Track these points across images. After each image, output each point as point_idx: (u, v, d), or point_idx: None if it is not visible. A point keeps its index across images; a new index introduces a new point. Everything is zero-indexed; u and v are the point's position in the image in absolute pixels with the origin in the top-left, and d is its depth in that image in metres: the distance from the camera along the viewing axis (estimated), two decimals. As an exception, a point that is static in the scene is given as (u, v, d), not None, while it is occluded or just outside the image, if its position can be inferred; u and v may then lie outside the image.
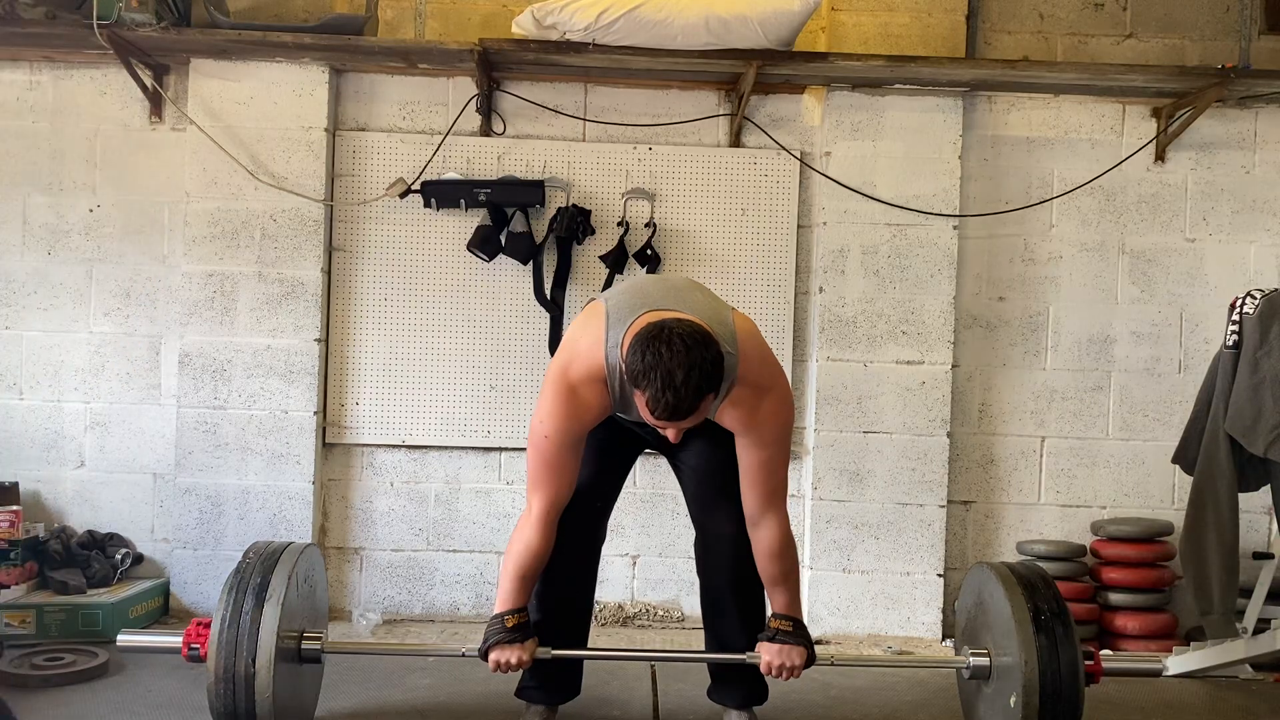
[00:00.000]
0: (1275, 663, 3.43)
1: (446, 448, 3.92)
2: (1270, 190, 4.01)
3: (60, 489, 3.92)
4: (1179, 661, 3.42)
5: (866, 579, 3.87)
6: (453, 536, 3.94)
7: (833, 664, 2.72)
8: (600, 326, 2.35)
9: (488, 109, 3.91)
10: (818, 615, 3.85)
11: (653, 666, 3.34)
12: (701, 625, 2.75)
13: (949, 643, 3.79)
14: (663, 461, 2.72)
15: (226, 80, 3.81)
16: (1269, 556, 3.43)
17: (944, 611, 3.87)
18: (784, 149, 3.92)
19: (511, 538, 2.46)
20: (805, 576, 3.89)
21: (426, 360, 3.89)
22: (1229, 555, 3.30)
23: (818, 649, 2.53)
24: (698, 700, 2.93)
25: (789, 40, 3.70)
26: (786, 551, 2.47)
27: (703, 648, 2.77)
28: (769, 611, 2.53)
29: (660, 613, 3.94)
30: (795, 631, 2.47)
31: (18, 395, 3.91)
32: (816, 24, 3.90)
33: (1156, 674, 2.89)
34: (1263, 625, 3.30)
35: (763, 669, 2.48)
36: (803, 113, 3.98)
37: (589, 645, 2.75)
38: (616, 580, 3.93)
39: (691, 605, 3.88)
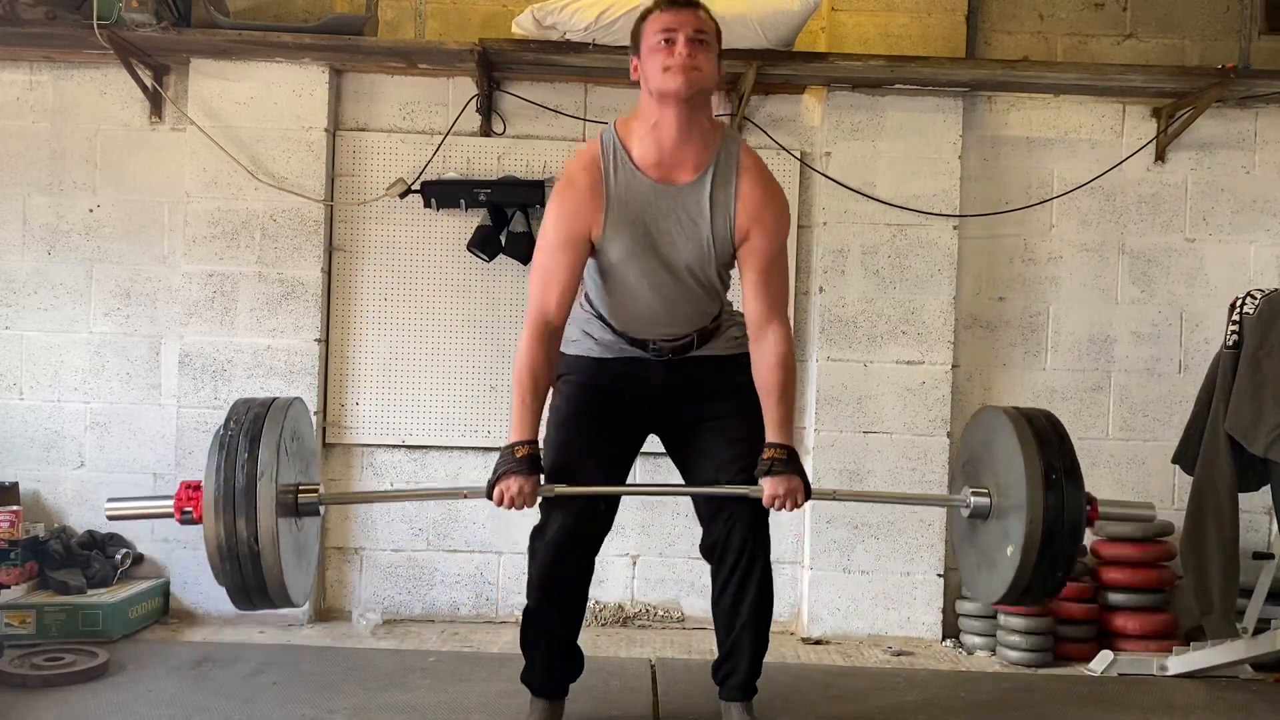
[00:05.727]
0: (1275, 663, 3.43)
1: (446, 448, 3.92)
2: (1270, 190, 4.01)
3: (60, 489, 3.92)
4: (1179, 661, 3.43)
5: (866, 579, 3.87)
6: (453, 536, 3.94)
7: (835, 498, 2.75)
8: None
9: (488, 109, 3.91)
10: (818, 615, 3.85)
11: (653, 666, 3.35)
12: (701, 626, 2.74)
13: (949, 643, 3.79)
14: (664, 461, 2.72)
15: (226, 80, 3.81)
16: (1269, 556, 3.43)
17: (944, 611, 3.87)
18: (784, 149, 3.92)
19: (513, 361, 2.49)
20: (805, 576, 3.89)
21: (426, 360, 3.89)
22: (1229, 555, 3.31)
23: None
24: (698, 700, 2.93)
25: (789, 40, 3.70)
26: (787, 361, 2.50)
27: (704, 646, 2.75)
28: (767, 440, 2.50)
29: (660, 613, 3.94)
30: (789, 460, 2.46)
31: (18, 395, 3.92)
32: (816, 24, 3.90)
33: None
34: (1263, 625, 3.31)
35: (765, 502, 2.45)
36: (803, 113, 3.98)
37: (585, 643, 2.75)
38: (616, 580, 3.93)
39: (691, 605, 3.88)
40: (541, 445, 2.50)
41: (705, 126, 2.43)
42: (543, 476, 2.44)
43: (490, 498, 2.42)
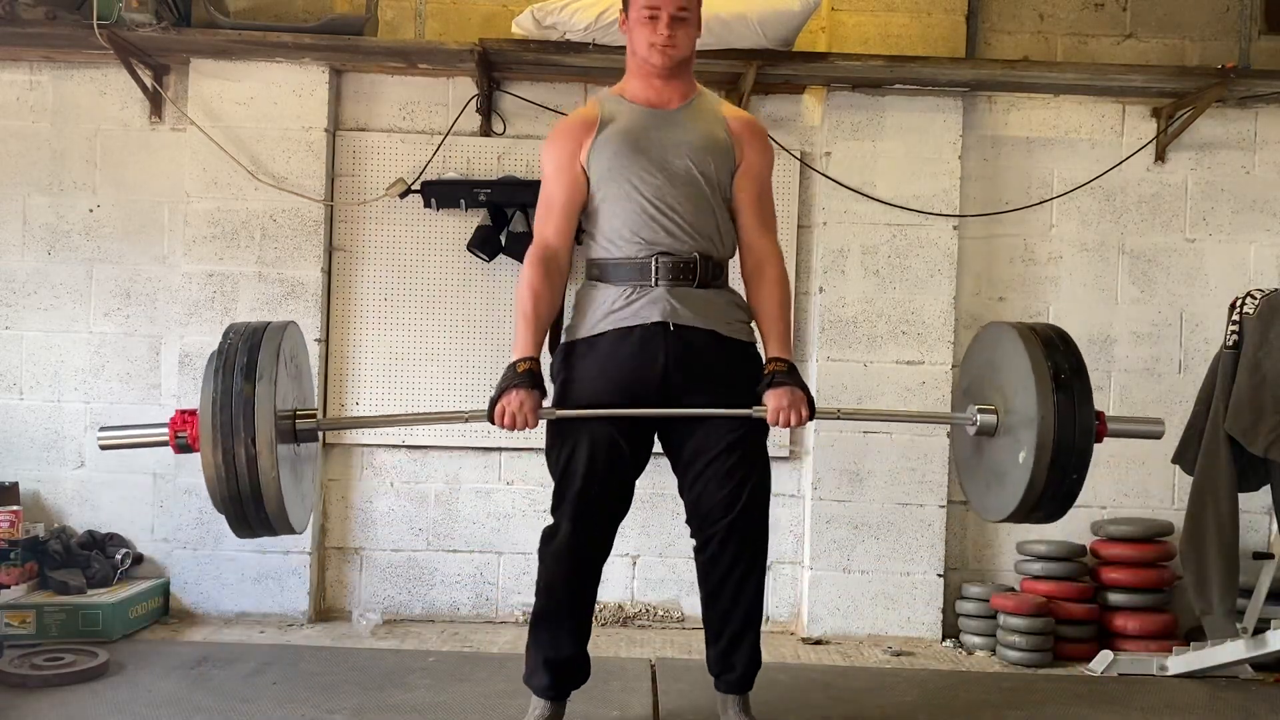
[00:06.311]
0: (1275, 663, 3.43)
1: (446, 448, 3.92)
2: (1270, 190, 4.01)
3: (60, 489, 3.92)
4: (1179, 661, 3.43)
5: (866, 579, 3.87)
6: (453, 537, 3.94)
7: (839, 417, 2.80)
8: None
9: (488, 109, 3.91)
10: (818, 615, 3.85)
11: (653, 666, 3.36)
12: (701, 626, 2.73)
13: (949, 643, 3.79)
14: (663, 462, 2.71)
15: (226, 80, 3.81)
16: (1269, 556, 3.43)
17: (944, 611, 3.87)
18: (784, 149, 3.92)
19: (516, 285, 2.60)
20: (805, 576, 3.89)
21: (426, 360, 3.89)
22: (1229, 555, 3.31)
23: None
24: (698, 700, 2.93)
25: (789, 40, 3.70)
26: (782, 275, 2.63)
27: (704, 647, 2.74)
28: (766, 357, 2.58)
29: (660, 613, 3.94)
30: (790, 373, 2.53)
31: (18, 395, 3.92)
32: (816, 24, 3.90)
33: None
34: (1263, 625, 3.31)
35: (770, 418, 2.49)
36: (803, 113, 3.98)
37: (591, 641, 2.74)
38: (616, 580, 3.93)
39: (691, 605, 3.88)
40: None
41: (687, 77, 2.65)
42: (545, 400, 2.52)
43: (492, 419, 2.49)
